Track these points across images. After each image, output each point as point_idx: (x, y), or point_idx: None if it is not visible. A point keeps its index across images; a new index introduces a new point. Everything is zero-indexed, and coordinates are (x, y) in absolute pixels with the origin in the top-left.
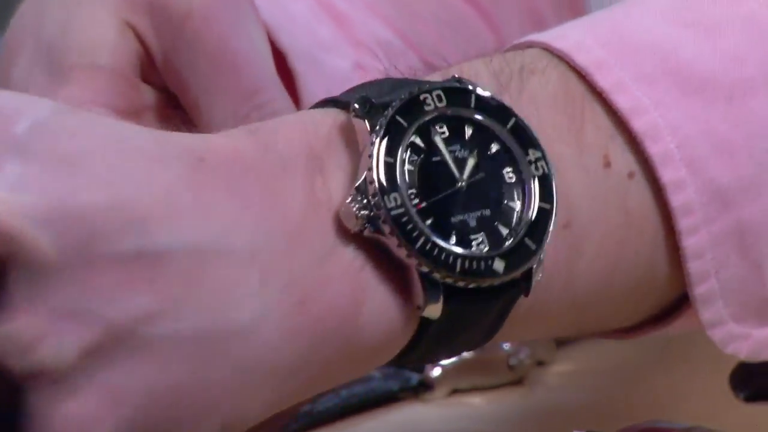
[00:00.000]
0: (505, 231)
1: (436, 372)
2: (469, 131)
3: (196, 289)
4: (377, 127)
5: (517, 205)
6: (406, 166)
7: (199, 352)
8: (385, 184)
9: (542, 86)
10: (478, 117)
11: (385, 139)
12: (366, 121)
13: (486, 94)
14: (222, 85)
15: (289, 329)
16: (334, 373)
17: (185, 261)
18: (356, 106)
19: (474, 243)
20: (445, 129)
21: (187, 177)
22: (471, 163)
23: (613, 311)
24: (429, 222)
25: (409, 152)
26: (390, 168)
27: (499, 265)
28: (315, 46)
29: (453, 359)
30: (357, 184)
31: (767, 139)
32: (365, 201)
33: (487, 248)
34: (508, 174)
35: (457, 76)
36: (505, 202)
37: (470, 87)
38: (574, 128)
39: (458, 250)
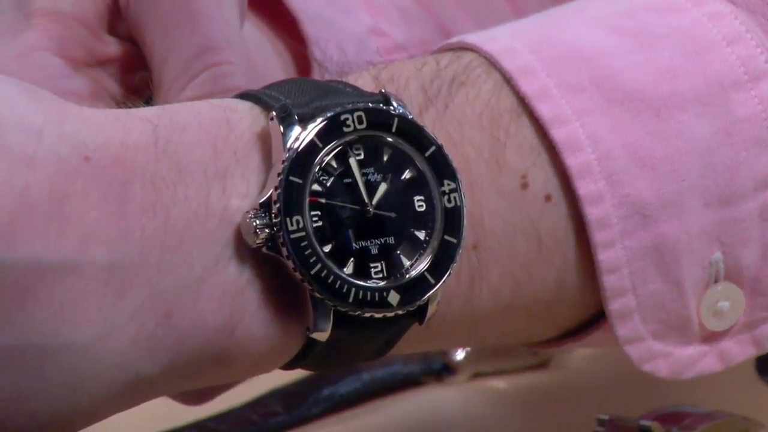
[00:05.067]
0: (407, 262)
1: (460, 355)
2: (386, 155)
3: (29, 304)
4: (291, 144)
5: (422, 235)
6: (315, 187)
7: (22, 364)
8: (288, 205)
9: (470, 101)
10: (397, 142)
11: (298, 159)
12: (282, 130)
13: (409, 116)
14: (176, 38)
15: (147, 341)
16: (208, 379)
17: (18, 276)
18: (274, 114)
19: (372, 271)
20: (361, 151)
21: (54, 181)
22: (382, 188)
23: (520, 328)
24: (329, 247)
25: (321, 173)
26: (297, 189)
27: (393, 297)
28: (329, 7)
29: None
30: (261, 201)
31: (692, 155)
32: (268, 219)
33: (384, 278)
34: (419, 202)
35: (384, 91)
36: (412, 231)
37: (394, 108)
38: (496, 147)
39: (353, 279)
